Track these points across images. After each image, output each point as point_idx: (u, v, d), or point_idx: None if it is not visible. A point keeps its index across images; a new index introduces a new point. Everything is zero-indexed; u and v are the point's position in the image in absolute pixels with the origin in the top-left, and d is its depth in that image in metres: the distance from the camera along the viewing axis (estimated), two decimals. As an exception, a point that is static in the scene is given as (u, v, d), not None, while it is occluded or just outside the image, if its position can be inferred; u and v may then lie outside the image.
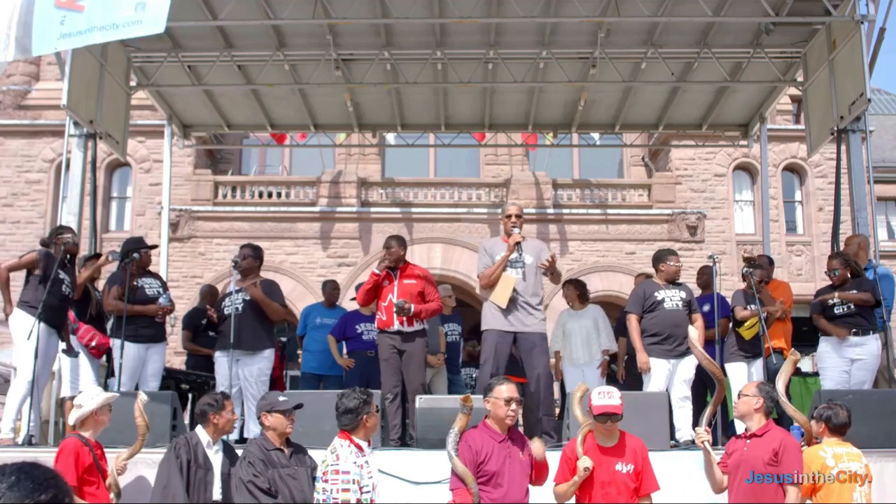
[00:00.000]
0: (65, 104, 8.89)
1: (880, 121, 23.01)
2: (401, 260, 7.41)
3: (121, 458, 5.36)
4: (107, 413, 5.44)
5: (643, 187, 20.49)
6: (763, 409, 4.92)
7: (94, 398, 5.42)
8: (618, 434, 4.85)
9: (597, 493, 4.70)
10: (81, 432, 5.31)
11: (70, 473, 5.03)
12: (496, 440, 4.66)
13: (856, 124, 9.20)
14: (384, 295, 7.31)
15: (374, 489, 4.65)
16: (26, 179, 19.93)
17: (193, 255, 19.19)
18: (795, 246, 20.00)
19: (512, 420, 4.69)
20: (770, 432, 4.85)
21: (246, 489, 4.91)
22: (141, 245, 7.69)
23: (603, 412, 4.74)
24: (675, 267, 7.36)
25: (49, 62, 19.77)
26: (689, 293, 7.35)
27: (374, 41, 10.47)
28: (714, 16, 9.53)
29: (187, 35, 10.42)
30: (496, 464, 4.58)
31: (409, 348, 7.18)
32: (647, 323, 7.22)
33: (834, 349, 7.46)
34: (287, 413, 5.14)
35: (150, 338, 7.41)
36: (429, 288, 7.41)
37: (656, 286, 7.35)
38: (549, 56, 10.66)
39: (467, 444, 4.61)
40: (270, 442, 5.11)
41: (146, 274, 7.72)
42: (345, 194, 19.78)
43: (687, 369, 7.08)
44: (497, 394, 4.70)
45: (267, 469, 4.96)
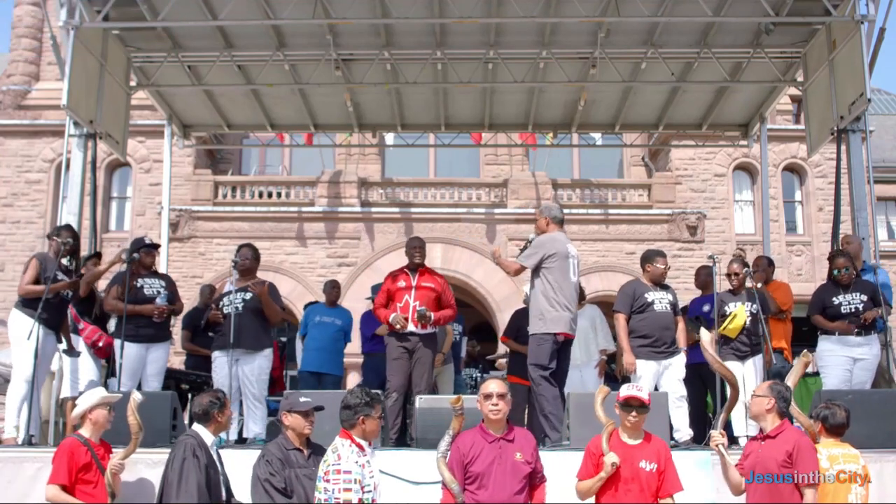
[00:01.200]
0: (65, 104, 8.89)
1: (880, 121, 23.00)
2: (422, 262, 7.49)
3: (116, 458, 5.36)
4: (102, 412, 5.42)
5: (643, 187, 20.49)
6: (775, 409, 4.87)
7: (88, 398, 5.46)
8: (643, 433, 4.90)
9: (620, 490, 4.72)
10: (81, 432, 5.36)
11: (63, 472, 5.13)
12: (487, 441, 4.66)
13: (856, 124, 9.20)
14: (400, 296, 7.32)
15: (375, 489, 4.66)
16: (26, 179, 19.92)
17: (193, 255, 19.19)
18: (795, 246, 20.00)
19: (494, 415, 4.70)
20: (784, 433, 4.80)
21: (262, 487, 4.96)
22: (142, 245, 7.69)
23: (627, 398, 4.82)
24: (661, 269, 7.24)
25: (49, 62, 19.77)
26: (673, 295, 7.31)
27: (374, 41, 10.47)
28: (714, 16, 9.53)
29: (187, 35, 10.42)
30: (482, 465, 4.59)
31: (420, 351, 7.23)
32: (637, 324, 7.12)
33: (838, 347, 7.40)
34: (306, 414, 5.16)
35: (149, 338, 7.37)
36: (446, 293, 7.47)
37: (645, 287, 7.25)
38: (549, 56, 10.66)
39: (456, 446, 4.64)
40: (290, 442, 5.17)
41: (151, 274, 7.70)
42: (345, 194, 19.78)
43: (678, 368, 7.04)
44: (481, 391, 4.81)
45: (284, 468, 5.01)
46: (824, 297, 7.63)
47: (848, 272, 7.57)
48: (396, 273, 7.57)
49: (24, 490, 5.81)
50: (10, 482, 5.90)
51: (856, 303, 7.47)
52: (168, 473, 5.12)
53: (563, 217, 7.26)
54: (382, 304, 7.45)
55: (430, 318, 7.20)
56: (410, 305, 7.23)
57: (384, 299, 7.45)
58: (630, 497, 4.69)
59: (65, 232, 7.32)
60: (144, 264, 7.63)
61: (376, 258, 19.12)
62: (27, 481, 5.83)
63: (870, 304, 7.45)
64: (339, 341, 9.60)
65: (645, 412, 4.84)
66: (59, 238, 7.20)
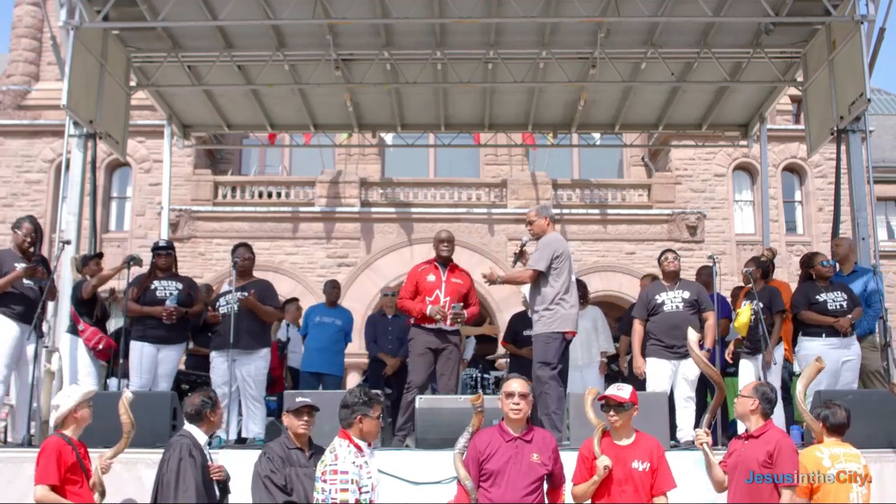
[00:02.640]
0: (65, 104, 8.88)
1: (880, 121, 23.00)
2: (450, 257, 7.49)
3: (105, 456, 5.31)
4: (86, 409, 5.33)
5: (643, 187, 20.49)
6: (759, 410, 4.94)
7: (71, 396, 5.36)
8: (634, 433, 4.91)
9: (614, 491, 4.74)
10: (64, 431, 5.25)
11: (52, 472, 5.00)
12: (504, 439, 4.68)
13: (856, 124, 9.20)
14: (430, 290, 7.26)
15: (373, 489, 4.66)
16: (26, 179, 19.92)
17: (193, 256, 19.17)
18: (795, 246, 19.98)
19: (515, 414, 4.71)
20: (767, 433, 4.87)
21: (262, 484, 4.99)
22: (154, 248, 7.78)
23: (603, 398, 4.86)
24: (666, 264, 7.43)
25: (49, 62, 19.76)
26: (695, 292, 7.35)
27: (374, 41, 10.47)
28: (714, 16, 9.53)
29: (187, 35, 10.42)
30: (497, 463, 4.60)
31: (449, 348, 7.21)
32: (650, 326, 7.35)
33: (827, 349, 7.24)
34: (298, 414, 5.17)
35: (159, 339, 7.38)
36: (472, 291, 7.48)
37: (659, 288, 7.44)
38: (549, 56, 10.66)
39: (473, 443, 4.67)
40: (291, 441, 5.20)
41: (169, 276, 7.70)
42: (345, 194, 19.77)
43: (690, 369, 7.05)
44: (503, 389, 4.81)
45: (285, 466, 5.04)
46: (809, 293, 7.61)
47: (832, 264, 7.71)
48: (424, 266, 7.49)
49: (24, 490, 5.80)
50: (10, 482, 5.91)
51: (839, 300, 7.49)
52: (164, 474, 5.10)
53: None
54: (410, 295, 7.34)
55: (464, 318, 7.20)
56: (441, 300, 7.18)
57: (411, 291, 7.34)
58: (625, 498, 4.70)
59: (26, 224, 7.30)
60: (159, 266, 7.66)
61: (376, 258, 19.12)
62: (27, 481, 5.80)
63: (850, 303, 7.50)
64: (340, 342, 9.61)
65: (624, 411, 4.83)
66: (20, 231, 7.23)
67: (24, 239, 7.18)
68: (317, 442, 5.28)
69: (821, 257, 7.82)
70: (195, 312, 7.75)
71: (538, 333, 6.90)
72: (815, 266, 7.71)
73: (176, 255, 7.97)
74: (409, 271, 7.60)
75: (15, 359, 7.02)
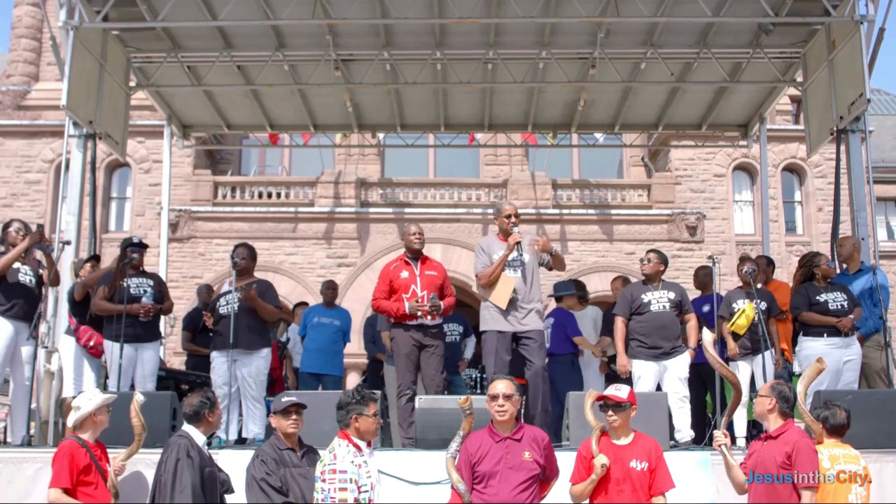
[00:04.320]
0: (64, 104, 8.89)
1: (880, 121, 23.01)
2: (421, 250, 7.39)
3: (118, 459, 5.36)
4: (105, 414, 5.43)
5: (643, 187, 20.49)
6: (777, 409, 4.89)
7: (92, 399, 5.42)
8: (632, 433, 4.91)
9: (612, 490, 4.73)
10: (80, 434, 5.32)
11: (65, 475, 5.08)
12: (494, 440, 4.67)
13: (855, 124, 9.21)
14: (405, 286, 7.12)
15: (372, 489, 4.65)
16: (26, 180, 19.92)
17: (193, 256, 19.18)
18: (795, 246, 19.97)
19: (501, 416, 4.70)
20: (786, 434, 4.82)
21: (258, 487, 4.98)
22: (128, 244, 7.61)
23: (601, 398, 4.88)
24: (645, 265, 7.33)
25: (49, 62, 19.76)
26: (679, 293, 7.26)
27: (374, 41, 10.47)
28: (713, 16, 9.54)
29: (187, 35, 10.43)
30: (489, 464, 4.60)
31: (433, 343, 7.11)
32: (635, 325, 7.17)
33: (831, 349, 7.28)
34: (285, 414, 5.16)
35: (136, 337, 7.26)
36: (447, 281, 7.40)
37: (643, 288, 7.29)
38: (549, 56, 10.67)
39: (465, 446, 4.67)
40: (283, 442, 5.18)
41: (139, 274, 7.61)
42: (344, 195, 19.77)
43: (680, 368, 7.01)
44: (489, 391, 4.81)
45: (279, 468, 5.03)
46: (809, 294, 7.58)
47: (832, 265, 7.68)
48: (396, 264, 7.38)
49: (24, 490, 5.81)
50: (10, 482, 5.90)
51: (840, 300, 7.47)
52: (162, 475, 5.10)
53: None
54: (384, 295, 7.21)
55: (441, 308, 7.08)
56: (418, 295, 7.07)
57: (386, 291, 7.21)
58: (623, 497, 4.70)
59: (15, 223, 7.31)
60: (134, 264, 7.59)
61: (376, 258, 19.11)
62: (27, 481, 5.83)
63: (850, 303, 7.48)
64: (339, 342, 9.60)
65: (622, 411, 4.83)
66: (10, 229, 7.22)
67: (16, 236, 7.16)
68: (318, 443, 5.27)
69: (824, 257, 7.75)
70: (168, 309, 7.78)
71: (538, 330, 6.96)
72: (821, 265, 7.66)
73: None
74: (381, 271, 7.44)
75: (8, 358, 6.95)
